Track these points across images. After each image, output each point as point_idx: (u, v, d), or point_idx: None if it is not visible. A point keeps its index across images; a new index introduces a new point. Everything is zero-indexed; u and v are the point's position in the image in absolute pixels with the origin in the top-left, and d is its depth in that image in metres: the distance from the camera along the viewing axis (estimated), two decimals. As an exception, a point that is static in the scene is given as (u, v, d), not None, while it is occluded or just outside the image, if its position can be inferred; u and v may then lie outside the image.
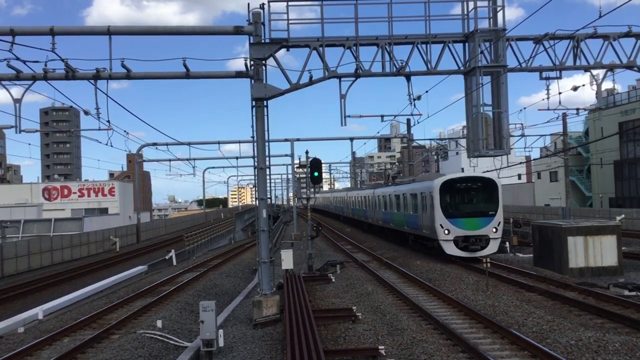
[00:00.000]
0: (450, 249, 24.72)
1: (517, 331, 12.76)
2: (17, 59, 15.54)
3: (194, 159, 52.34)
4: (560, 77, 19.10)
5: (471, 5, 18.15)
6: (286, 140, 46.33)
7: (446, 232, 24.74)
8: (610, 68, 19.12)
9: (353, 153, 55.26)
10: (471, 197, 25.88)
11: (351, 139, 45.05)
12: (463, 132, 48.05)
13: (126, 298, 20.98)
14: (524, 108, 63.15)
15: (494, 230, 24.81)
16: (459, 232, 24.68)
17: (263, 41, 15.96)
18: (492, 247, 24.85)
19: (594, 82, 20.02)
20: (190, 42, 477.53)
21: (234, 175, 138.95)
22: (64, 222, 60.26)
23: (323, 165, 25.39)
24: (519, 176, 69.81)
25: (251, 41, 15.85)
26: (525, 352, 11.50)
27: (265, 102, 16.14)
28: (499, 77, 18.39)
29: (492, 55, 18.37)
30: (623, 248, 22.31)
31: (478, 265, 22.86)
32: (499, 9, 18.25)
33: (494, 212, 24.97)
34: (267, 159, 16.40)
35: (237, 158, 53.51)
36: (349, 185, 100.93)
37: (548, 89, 21.28)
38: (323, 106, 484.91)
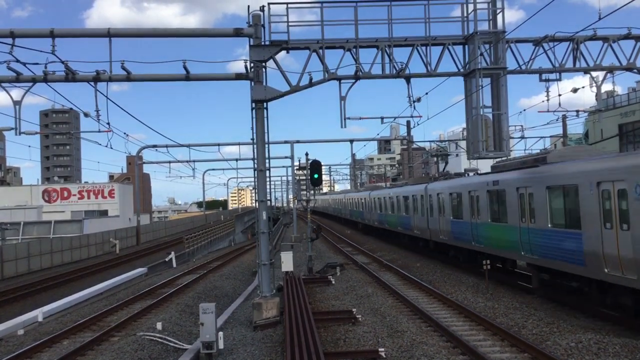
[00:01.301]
0: None
1: (517, 333, 12.76)
2: (17, 61, 15.54)
3: (194, 161, 52.46)
4: (559, 79, 19.07)
5: (471, 7, 18.15)
6: (286, 142, 46.46)
7: None
8: (610, 70, 19.12)
9: (353, 155, 55.18)
10: None
11: (351, 141, 45.05)
12: (463, 134, 48.05)
13: (126, 300, 20.97)
14: (524, 110, 63.12)
15: None
16: None
17: (263, 43, 15.97)
18: None
19: (594, 84, 20.06)
20: (190, 44, 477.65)
21: (234, 177, 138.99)
22: (64, 224, 60.26)
23: (323, 167, 25.16)
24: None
25: (251, 43, 15.86)
26: (525, 354, 11.49)
27: (265, 104, 16.15)
28: (498, 79, 18.39)
29: (491, 57, 18.36)
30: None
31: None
32: (498, 11, 18.25)
33: None
34: (267, 161, 16.42)
35: (237, 160, 53.82)
36: (348, 187, 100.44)
37: (548, 91, 21.26)
38: (323, 108, 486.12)
